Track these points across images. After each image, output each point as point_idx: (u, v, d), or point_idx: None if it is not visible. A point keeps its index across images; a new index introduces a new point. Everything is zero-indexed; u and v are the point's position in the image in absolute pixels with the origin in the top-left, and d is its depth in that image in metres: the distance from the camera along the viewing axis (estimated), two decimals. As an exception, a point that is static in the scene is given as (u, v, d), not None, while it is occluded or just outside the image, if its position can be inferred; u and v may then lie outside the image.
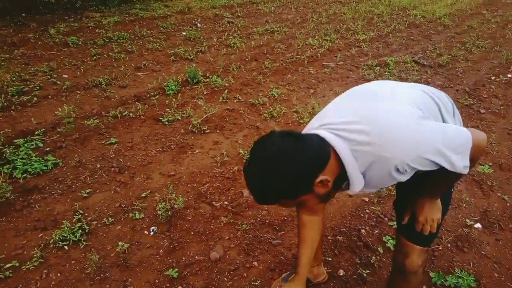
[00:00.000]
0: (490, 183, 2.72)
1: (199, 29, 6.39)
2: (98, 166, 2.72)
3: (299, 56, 5.19)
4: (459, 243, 2.16)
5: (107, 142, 3.03)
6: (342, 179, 1.08)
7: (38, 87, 3.85)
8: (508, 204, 2.51)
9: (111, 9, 7.33)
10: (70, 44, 5.13)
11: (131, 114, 3.46)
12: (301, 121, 3.51)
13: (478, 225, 2.30)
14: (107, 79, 4.15)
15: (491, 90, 4.57)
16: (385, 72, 4.80)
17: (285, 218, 2.32)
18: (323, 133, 1.04)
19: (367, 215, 2.39)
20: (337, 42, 5.97)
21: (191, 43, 5.67)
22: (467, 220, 2.33)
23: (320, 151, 0.99)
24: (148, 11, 7.48)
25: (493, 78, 4.98)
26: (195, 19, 7.09)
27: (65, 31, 5.66)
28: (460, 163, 1.02)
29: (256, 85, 4.32)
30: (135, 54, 5.07)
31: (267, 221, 2.28)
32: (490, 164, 2.97)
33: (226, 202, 2.43)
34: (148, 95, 3.90)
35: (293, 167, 0.94)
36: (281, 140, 0.97)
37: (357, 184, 1.06)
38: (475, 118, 3.81)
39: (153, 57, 5.02)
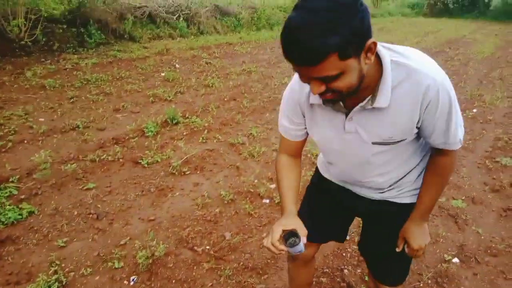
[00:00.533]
0: (464, 217, 2.81)
1: (178, 70, 6.52)
2: (76, 213, 2.65)
3: (276, 95, 5.35)
4: (439, 279, 2.20)
5: (84, 187, 2.97)
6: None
7: (13, 132, 3.78)
8: (482, 237, 2.59)
9: (89, 51, 7.39)
10: (47, 86, 5.11)
11: (109, 157, 3.42)
12: (280, 160, 3.57)
13: (456, 259, 2.35)
14: (84, 122, 4.13)
15: (459, 124, 4.80)
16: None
17: (269, 261, 2.30)
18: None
19: (349, 254, 2.41)
20: (312, 81, 6.20)
21: (170, 84, 5.75)
22: (445, 256, 2.39)
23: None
24: (126, 52, 7.59)
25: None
26: (174, 60, 7.24)
27: (41, 73, 5.64)
28: (460, 132, 1.07)
29: (235, 125, 4.39)
30: (113, 96, 5.09)
31: (250, 265, 2.26)
32: (463, 198, 3.08)
33: (208, 247, 2.40)
34: (127, 137, 3.89)
35: (356, 15, 0.82)
36: None
37: (383, 98, 0.99)
38: (446, 152, 3.98)
39: (131, 98, 5.06)
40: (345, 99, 1.02)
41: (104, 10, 8.41)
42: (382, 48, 0.99)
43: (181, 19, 9.98)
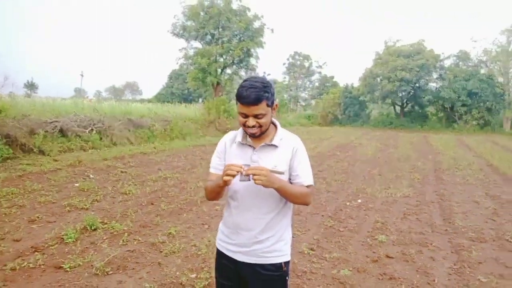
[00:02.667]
0: (351, 282, 3.47)
1: (93, 180, 6.74)
2: (-5, 321, 2.66)
3: (192, 197, 5.88)
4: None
5: (3, 297, 2.97)
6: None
7: None
8: (366, 296, 3.23)
9: (-4, 166, 7.24)
10: (-49, 203, 4.92)
11: (30, 264, 3.45)
12: (199, 252, 3.97)
13: (346, 315, 2.92)
14: (0, 234, 4.08)
15: (347, 212, 5.79)
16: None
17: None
18: None
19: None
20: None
21: (85, 193, 5.92)
22: (338, 313, 2.94)
23: None
24: (36, 165, 7.60)
25: (348, 203, 6.32)
26: (87, 171, 7.45)
27: None
28: (311, 176, 1.82)
29: (154, 226, 4.72)
30: (27, 208, 5.08)
31: None
32: (350, 268, 3.78)
33: (136, 334, 2.60)
34: (46, 245, 3.94)
35: (271, 87, 1.72)
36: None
37: (277, 141, 1.78)
38: (337, 235, 4.78)
39: (46, 209, 5.10)
40: (256, 139, 1.79)
41: (13, 125, 8.49)
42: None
43: (94, 132, 10.39)
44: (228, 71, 22.29)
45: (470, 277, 3.67)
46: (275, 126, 1.83)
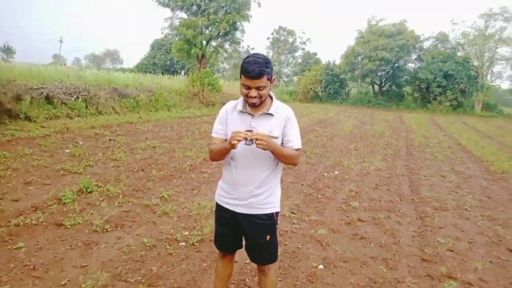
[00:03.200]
0: (326, 240, 3.93)
1: (83, 146, 6.92)
2: (12, 266, 2.96)
3: (181, 165, 6.20)
4: (310, 277, 3.16)
5: (14, 247, 3.26)
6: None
7: None
8: (338, 252, 3.69)
9: (-19, 131, 7.28)
10: None
11: (33, 221, 3.74)
12: (190, 213, 4.34)
13: (321, 266, 3.38)
14: (-3, 194, 4.31)
15: (325, 182, 6.26)
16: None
17: (189, 282, 2.98)
18: None
19: (249, 270, 3.23)
20: (209, 153, 7.26)
21: (76, 159, 6.14)
22: (314, 263, 3.40)
23: None
24: (24, 131, 7.68)
25: (325, 174, 6.80)
26: (76, 138, 7.60)
27: None
28: (299, 140, 2.15)
29: (147, 190, 5.04)
30: (21, 171, 5.28)
31: (176, 286, 2.90)
32: (327, 229, 4.24)
33: (139, 277, 2.97)
34: (45, 205, 4.21)
35: (271, 63, 2.01)
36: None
37: (273, 110, 2.10)
38: (315, 201, 5.24)
39: (40, 172, 5.32)
40: (254, 108, 2.09)
41: (-2, 90, 8.44)
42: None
43: (80, 100, 10.41)
44: (213, 43, 22.14)
45: (431, 239, 4.20)
46: (271, 97, 2.16)
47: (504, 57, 30.49)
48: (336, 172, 7.01)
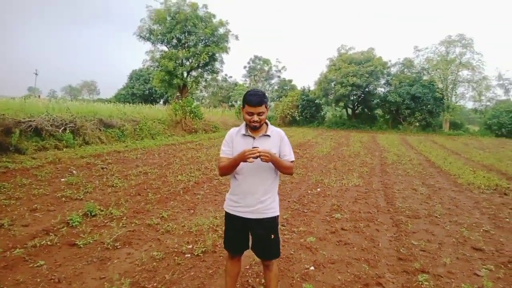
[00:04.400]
0: (315, 247, 4.44)
1: (79, 175, 7.23)
2: (38, 280, 3.30)
3: (174, 189, 6.61)
4: (303, 277, 3.64)
5: (35, 265, 3.59)
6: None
7: None
8: (326, 256, 4.19)
9: (-26, 164, 7.48)
10: (-50, 196, 5.30)
11: (48, 242, 4.07)
12: (190, 230, 4.75)
13: (312, 267, 3.86)
14: (8, 222, 4.61)
15: (309, 198, 6.80)
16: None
17: (199, 286, 3.40)
18: None
19: (251, 272, 3.68)
20: (200, 177, 7.71)
21: (74, 187, 6.45)
22: (306, 266, 3.88)
23: None
24: (16, 163, 7.91)
25: (309, 191, 7.35)
26: (69, 168, 7.89)
27: None
28: (292, 155, 2.70)
29: (147, 212, 5.42)
30: (24, 200, 5.57)
31: (188, 288, 3.31)
32: (314, 238, 4.75)
33: (155, 284, 3.37)
34: (55, 228, 4.54)
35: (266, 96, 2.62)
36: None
37: (269, 132, 2.66)
38: (302, 215, 5.76)
39: (42, 200, 5.62)
40: (255, 131, 2.64)
41: (-12, 125, 8.67)
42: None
43: (67, 131, 10.69)
44: (194, 73, 22.87)
45: (405, 242, 4.77)
46: (266, 123, 2.73)
47: (466, 80, 32.66)
48: (318, 189, 7.57)
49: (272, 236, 2.74)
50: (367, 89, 33.52)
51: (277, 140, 2.69)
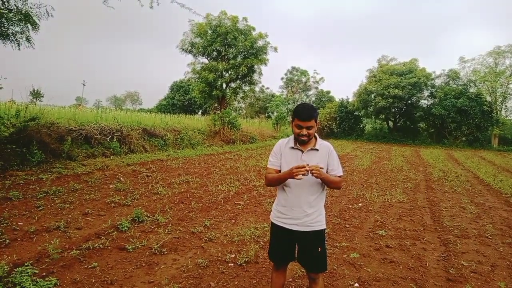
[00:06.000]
0: (358, 263, 4.34)
1: (125, 183, 7.56)
2: (93, 280, 3.48)
3: (215, 198, 6.73)
4: (349, 293, 3.57)
5: (89, 266, 3.79)
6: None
7: (0, 233, 4.40)
8: (370, 273, 4.10)
9: (32, 168, 8.02)
10: (13, 198, 5.72)
11: (100, 245, 4.29)
12: (232, 240, 4.82)
13: (356, 284, 3.78)
14: (64, 224, 4.90)
15: (351, 213, 6.68)
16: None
17: (245, 294, 3.43)
18: None
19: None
20: (240, 187, 7.80)
21: (122, 193, 6.75)
22: (350, 282, 3.81)
23: None
24: (68, 169, 8.39)
25: (350, 206, 7.21)
26: (117, 175, 8.26)
27: None
28: (341, 169, 2.67)
29: (190, 220, 5.56)
30: (76, 204, 5.90)
31: (233, 298, 3.35)
32: (357, 254, 4.65)
33: (201, 291, 3.44)
34: (106, 232, 4.77)
35: (317, 110, 2.62)
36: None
37: (318, 145, 2.67)
38: (344, 230, 5.66)
39: (93, 205, 5.92)
40: (303, 145, 2.65)
41: (45, 132, 9.30)
42: None
43: (115, 140, 11.22)
44: (232, 85, 23.34)
45: (455, 262, 4.56)
46: (315, 137, 2.75)
47: (517, 92, 30.92)
48: (360, 204, 7.41)
49: (319, 249, 2.74)
50: (409, 101, 32.49)
51: (325, 154, 2.70)
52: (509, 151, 28.29)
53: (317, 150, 2.68)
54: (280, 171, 2.74)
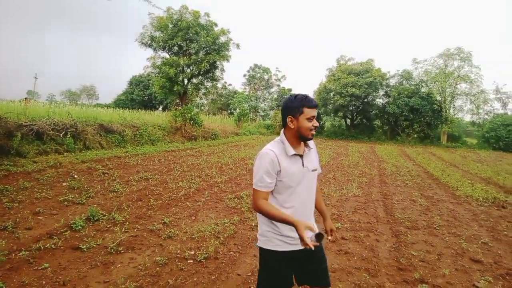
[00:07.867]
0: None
1: (79, 180, 7.27)
2: (44, 282, 3.34)
3: (175, 195, 6.65)
4: (306, 285, 3.68)
5: (40, 268, 3.62)
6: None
7: None
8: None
9: (-24, 166, 7.51)
10: (-47, 197, 5.33)
11: (52, 246, 4.11)
12: (192, 237, 4.79)
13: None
14: (11, 224, 4.64)
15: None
16: (241, 202, 6.66)
17: (203, 290, 3.44)
18: None
19: None
20: (201, 184, 7.76)
21: (76, 191, 6.49)
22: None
23: None
24: (17, 166, 7.94)
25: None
26: (71, 172, 7.92)
27: None
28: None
29: (148, 218, 5.46)
30: (26, 203, 5.60)
31: (192, 294, 3.35)
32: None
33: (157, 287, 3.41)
34: (59, 231, 4.57)
35: None
36: None
37: (311, 145, 2.32)
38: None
39: (45, 204, 5.65)
40: (299, 147, 2.23)
41: (-9, 127, 8.71)
42: None
43: (68, 135, 10.72)
44: (194, 80, 23.02)
45: (405, 252, 4.82)
46: None
47: (464, 92, 32.94)
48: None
49: (327, 263, 2.47)
50: (365, 100, 33.78)
51: (315, 150, 2.43)
52: (456, 147, 30.25)
53: (311, 148, 2.33)
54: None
